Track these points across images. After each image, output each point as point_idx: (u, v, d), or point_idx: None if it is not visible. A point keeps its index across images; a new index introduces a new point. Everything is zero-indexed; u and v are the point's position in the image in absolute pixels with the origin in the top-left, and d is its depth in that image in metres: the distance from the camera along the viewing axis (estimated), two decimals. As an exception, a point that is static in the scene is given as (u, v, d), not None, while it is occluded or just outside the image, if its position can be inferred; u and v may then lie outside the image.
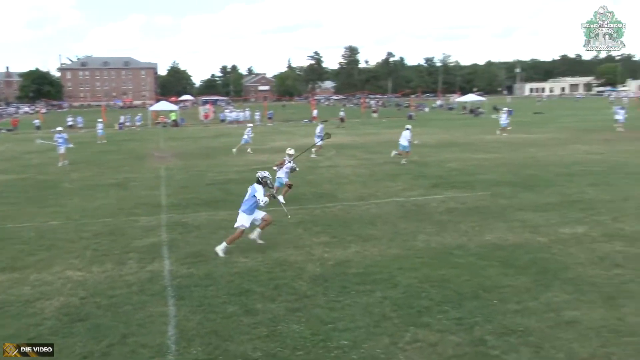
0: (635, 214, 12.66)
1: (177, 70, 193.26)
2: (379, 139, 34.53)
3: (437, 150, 27.12)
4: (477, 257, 9.79)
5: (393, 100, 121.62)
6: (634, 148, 26.15)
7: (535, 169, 20.18)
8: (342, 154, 26.98)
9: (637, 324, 6.92)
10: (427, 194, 15.86)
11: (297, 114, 73.98)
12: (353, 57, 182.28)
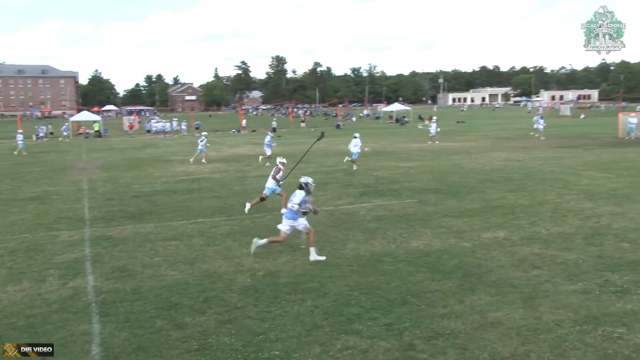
0: (551, 218, 13.34)
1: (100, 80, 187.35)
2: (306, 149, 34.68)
3: (365, 159, 27.54)
4: (406, 263, 10.01)
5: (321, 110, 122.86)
6: (549, 155, 27.60)
7: (459, 176, 20.90)
8: (271, 163, 26.89)
9: (553, 321, 7.28)
10: (355, 202, 16.08)
11: (225, 124, 73.31)
12: (280, 66, 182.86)
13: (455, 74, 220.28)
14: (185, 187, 19.98)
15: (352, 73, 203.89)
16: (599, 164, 23.50)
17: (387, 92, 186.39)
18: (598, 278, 8.92)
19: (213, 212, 15.19)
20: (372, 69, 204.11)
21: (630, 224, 12.50)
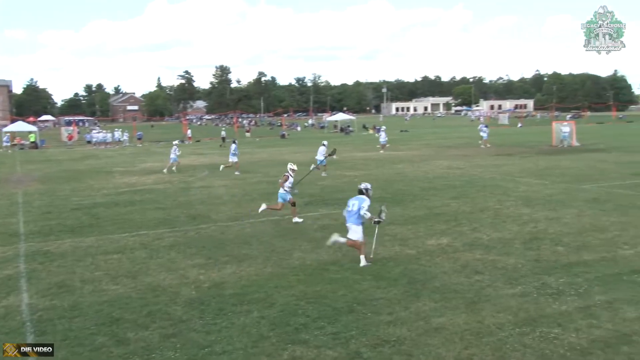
0: (491, 224, 13.74)
1: (35, 89, 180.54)
2: (252, 159, 34.58)
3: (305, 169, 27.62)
4: (352, 271, 10.07)
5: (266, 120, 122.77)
6: (489, 163, 28.46)
7: (403, 184, 21.25)
8: (215, 174, 26.63)
9: (494, 324, 7.48)
10: (301, 211, 16.06)
11: (168, 134, 72.08)
12: (225, 76, 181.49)
13: (398, 83, 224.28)
14: (127, 199, 19.50)
15: (297, 83, 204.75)
16: (535, 171, 24.39)
17: (331, 101, 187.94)
18: (536, 281, 9.24)
19: (156, 224, 14.88)
20: (317, 78, 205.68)
21: (565, 229, 13.01)
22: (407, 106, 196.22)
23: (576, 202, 16.52)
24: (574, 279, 9.27)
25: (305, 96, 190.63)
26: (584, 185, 19.84)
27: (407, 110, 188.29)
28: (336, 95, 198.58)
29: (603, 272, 9.68)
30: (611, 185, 19.75)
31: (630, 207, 15.40)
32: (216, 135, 66.70)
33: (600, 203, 16.21)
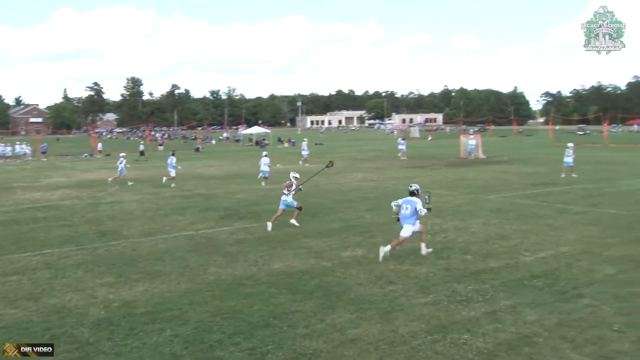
0: (404, 234, 14.08)
1: None
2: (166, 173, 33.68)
3: (225, 182, 27.36)
4: (267, 285, 10.01)
5: (179, 133, 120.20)
6: (401, 175, 29.29)
7: (319, 196, 21.42)
8: (126, 188, 25.73)
9: (407, 333, 7.67)
10: (216, 226, 15.85)
11: (76, 147, 68.98)
12: (136, 88, 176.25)
13: (313, 97, 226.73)
14: (29, 216, 18.42)
15: (211, 96, 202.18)
16: (445, 183, 25.36)
17: (246, 114, 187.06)
18: (446, 289, 9.56)
19: (62, 241, 14.14)
20: (232, 92, 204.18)
21: (472, 238, 13.59)
22: (322, 119, 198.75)
23: (482, 212, 17.30)
24: (482, 286, 9.69)
25: (220, 109, 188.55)
26: (489, 195, 20.83)
27: (321, 124, 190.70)
28: (251, 108, 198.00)
29: (507, 278, 10.18)
30: (513, 195, 20.87)
31: (530, 216, 16.32)
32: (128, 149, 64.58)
33: (504, 212, 17.08)
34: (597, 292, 9.27)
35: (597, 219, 15.76)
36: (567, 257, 11.61)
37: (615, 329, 7.66)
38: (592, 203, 18.61)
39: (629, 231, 14.00)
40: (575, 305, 8.68)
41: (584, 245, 12.55)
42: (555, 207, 17.89)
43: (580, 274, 10.33)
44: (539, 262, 11.23)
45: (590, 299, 8.93)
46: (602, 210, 17.08)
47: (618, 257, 11.47)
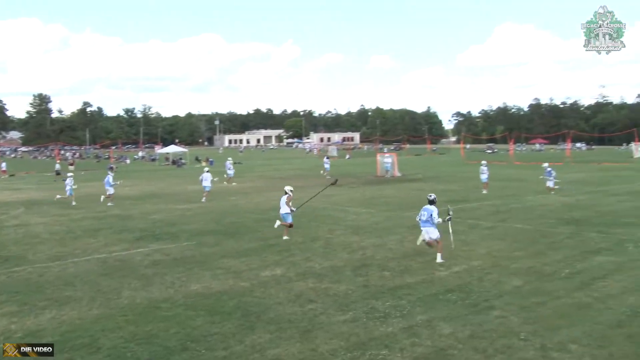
0: (323, 253, 14.22)
1: None
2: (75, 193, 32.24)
3: (141, 202, 26.54)
4: (185, 307, 9.77)
5: (92, 152, 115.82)
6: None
7: (237, 216, 21.23)
8: (32, 210, 24.40)
9: (327, 351, 7.71)
10: (131, 247, 15.32)
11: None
12: (44, 105, 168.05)
13: (231, 116, 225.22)
14: None
15: (126, 114, 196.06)
16: (362, 201, 25.83)
17: (162, 133, 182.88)
18: (365, 306, 9.71)
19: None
20: (147, 110, 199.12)
21: (390, 254, 13.91)
22: (240, 138, 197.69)
23: (399, 228, 17.75)
24: (399, 302, 9.90)
25: (135, 128, 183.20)
26: (405, 212, 21.39)
27: (240, 143, 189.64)
28: (168, 127, 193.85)
29: (423, 293, 10.47)
30: (428, 212, 21.53)
31: (444, 232, 16.83)
32: (35, 169, 61.41)
33: (419, 229, 17.54)
34: (506, 303, 9.72)
35: (504, 233, 16.57)
36: (478, 270, 12.11)
37: (522, 338, 8.06)
38: (500, 218, 19.55)
39: (533, 244, 14.81)
40: (486, 316, 9.05)
41: (493, 259, 13.15)
42: (467, 222, 18.64)
43: (490, 287, 10.79)
44: (453, 277, 11.64)
45: (500, 310, 9.35)
46: (509, 225, 17.98)
47: (524, 270, 12.09)
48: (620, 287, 10.64)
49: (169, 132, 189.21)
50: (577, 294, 10.20)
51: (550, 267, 12.29)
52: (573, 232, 16.47)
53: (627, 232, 16.36)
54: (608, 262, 12.70)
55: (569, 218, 19.19)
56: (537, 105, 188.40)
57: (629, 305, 9.46)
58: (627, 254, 13.50)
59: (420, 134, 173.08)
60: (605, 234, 16.03)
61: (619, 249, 14.00)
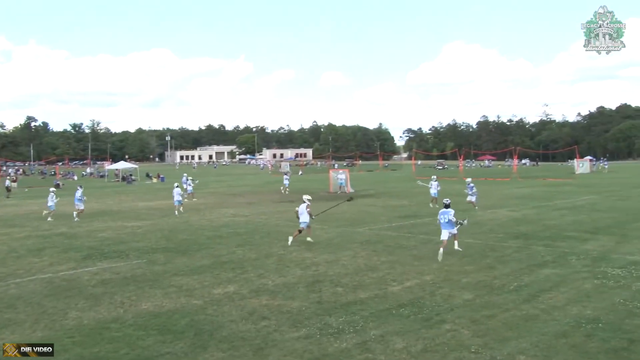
0: (276, 269, 14.16)
1: None
2: (19, 211, 31.18)
3: (89, 220, 25.82)
4: (135, 327, 9.54)
5: (36, 168, 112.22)
6: (272, 210, 29.45)
7: (188, 233, 20.92)
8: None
9: (283, 369, 7.66)
10: (78, 267, 14.88)
11: None
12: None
13: (183, 132, 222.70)
14: None
15: (73, 129, 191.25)
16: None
17: (112, 149, 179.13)
18: (319, 322, 9.70)
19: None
20: (96, 125, 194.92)
21: (343, 270, 13.96)
22: (192, 154, 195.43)
23: (352, 244, 17.86)
24: (352, 317, 9.94)
25: (83, 143, 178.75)
26: (358, 228, 21.57)
27: (192, 159, 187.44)
28: (117, 143, 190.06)
29: (376, 308, 10.55)
30: (380, 227, 21.79)
31: (396, 247, 17.12)
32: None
33: (372, 244, 17.76)
34: (457, 317, 9.89)
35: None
36: (430, 285, 12.29)
37: (472, 351, 8.21)
38: (450, 233, 19.92)
39: (482, 258, 15.15)
40: (438, 330, 9.18)
41: (445, 273, 13.37)
42: (419, 237, 18.93)
43: (442, 301, 10.97)
44: (406, 291, 11.77)
45: (451, 323, 9.51)
46: (460, 240, 18.32)
47: (474, 283, 12.35)
48: (565, 298, 10.99)
49: (119, 148, 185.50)
50: (524, 306, 10.48)
51: (500, 280, 12.60)
52: (521, 246, 16.94)
53: (570, 245, 16.97)
54: (553, 274, 13.12)
55: (517, 232, 19.74)
56: (485, 123, 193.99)
57: (572, 316, 9.79)
58: (570, 266, 13.98)
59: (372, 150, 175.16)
60: (550, 247, 16.56)
61: (563, 262, 14.49)
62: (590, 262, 14.38)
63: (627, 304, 10.53)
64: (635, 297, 11.00)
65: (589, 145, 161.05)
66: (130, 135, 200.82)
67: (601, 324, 9.30)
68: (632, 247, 16.60)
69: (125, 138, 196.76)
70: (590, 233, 19.29)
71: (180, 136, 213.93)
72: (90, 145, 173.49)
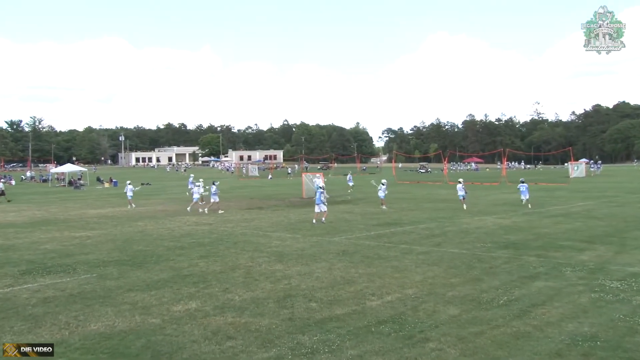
0: (243, 283, 14.08)
1: None
2: None
3: (29, 230, 25.36)
4: (82, 351, 9.36)
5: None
6: (239, 217, 29.33)
7: (145, 243, 20.70)
8: None
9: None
10: (15, 283, 14.56)
11: None
12: None
13: (138, 131, 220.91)
14: None
15: (10, 127, 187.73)
16: (287, 225, 25.85)
17: (57, 150, 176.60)
18: (290, 341, 9.67)
19: None
20: (37, 123, 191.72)
21: (317, 283, 13.95)
22: (150, 156, 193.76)
23: (327, 255, 17.87)
24: (328, 335, 9.93)
25: (23, 143, 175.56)
26: (333, 237, 21.59)
27: (149, 161, 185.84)
28: (63, 143, 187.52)
29: (354, 325, 10.55)
30: (358, 236, 21.86)
31: (375, 258, 17.18)
32: None
33: (349, 255, 17.79)
34: (442, 334, 9.95)
35: (440, 258, 17.02)
36: (412, 299, 12.35)
37: (460, 372, 8.25)
38: (434, 242, 20.09)
39: (469, 270, 15.29)
40: (421, 349, 9.22)
41: (428, 287, 13.46)
42: (400, 247, 19.03)
43: (426, 317, 11.03)
44: (386, 307, 11.81)
45: (436, 342, 9.56)
46: (444, 250, 18.50)
47: (460, 297, 12.45)
48: (559, 314, 11.14)
49: (65, 148, 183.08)
50: (515, 323, 10.59)
51: (488, 294, 12.72)
52: (510, 256, 17.15)
53: (564, 255, 17.24)
54: (546, 287, 13.30)
55: (506, 241, 19.99)
56: (471, 122, 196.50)
57: (567, 333, 9.92)
58: (564, 278, 14.19)
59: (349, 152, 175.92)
60: (543, 258, 16.80)
61: (556, 274, 14.70)
62: (586, 274, 14.63)
63: (627, 319, 10.72)
64: (635, 312, 11.20)
65: (584, 146, 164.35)
66: (78, 134, 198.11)
67: (599, 342, 9.45)
68: (632, 257, 16.94)
69: (73, 138, 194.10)
70: (587, 242, 19.64)
71: (136, 136, 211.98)
72: (31, 146, 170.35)
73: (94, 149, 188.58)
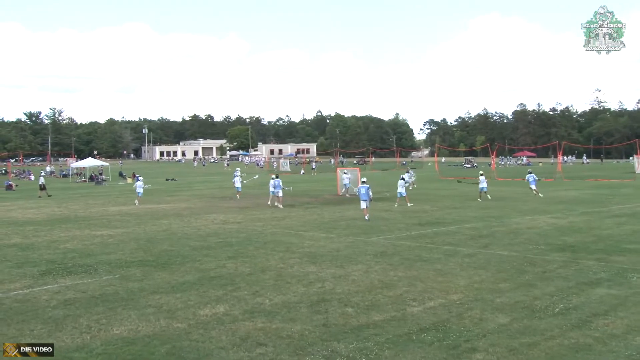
0: (274, 286, 14.14)
1: None
2: None
3: (48, 228, 25.89)
4: (104, 357, 9.52)
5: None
6: (269, 216, 29.46)
7: (170, 243, 20.94)
8: None
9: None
10: (35, 285, 14.88)
11: None
12: None
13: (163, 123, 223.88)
14: None
15: (29, 119, 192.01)
16: (320, 224, 25.87)
17: (77, 143, 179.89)
18: (324, 349, 9.68)
19: None
20: (57, 115, 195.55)
21: (353, 287, 13.93)
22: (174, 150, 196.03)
23: (364, 256, 17.84)
24: (365, 344, 9.91)
25: (42, 136, 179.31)
26: (371, 237, 21.54)
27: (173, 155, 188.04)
28: (84, 136, 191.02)
29: (393, 332, 10.51)
30: (398, 237, 21.77)
31: (416, 260, 17.09)
32: None
33: (388, 257, 17.73)
34: (491, 344, 9.84)
35: (487, 261, 16.84)
36: (457, 306, 12.25)
37: (511, 385, 8.15)
38: (482, 244, 19.88)
39: (520, 274, 15.09)
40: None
41: (475, 292, 13.33)
42: (443, 249, 18.89)
43: (472, 325, 10.92)
44: (428, 313, 11.73)
45: (484, 353, 9.46)
46: (492, 252, 18.29)
47: (510, 304, 12.29)
48: (624, 325, 10.91)
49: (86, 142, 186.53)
50: (573, 334, 10.41)
51: (542, 301, 12.54)
52: (567, 260, 16.88)
53: (630, 260, 16.86)
54: (609, 295, 13.04)
55: (562, 243, 19.68)
56: (522, 112, 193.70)
57: (635, 347, 9.70)
58: (631, 286, 13.88)
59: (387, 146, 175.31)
60: (605, 263, 16.48)
61: (621, 280, 14.40)
62: (652, 280, 14.32)
63: (697, 329, 10.45)
64: None
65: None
66: (99, 127, 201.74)
67: (667, 355, 9.23)
68: (702, 261, 16.52)
69: (94, 130, 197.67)
70: (652, 244, 19.22)
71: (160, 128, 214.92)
72: (51, 139, 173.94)
73: (116, 143, 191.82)
